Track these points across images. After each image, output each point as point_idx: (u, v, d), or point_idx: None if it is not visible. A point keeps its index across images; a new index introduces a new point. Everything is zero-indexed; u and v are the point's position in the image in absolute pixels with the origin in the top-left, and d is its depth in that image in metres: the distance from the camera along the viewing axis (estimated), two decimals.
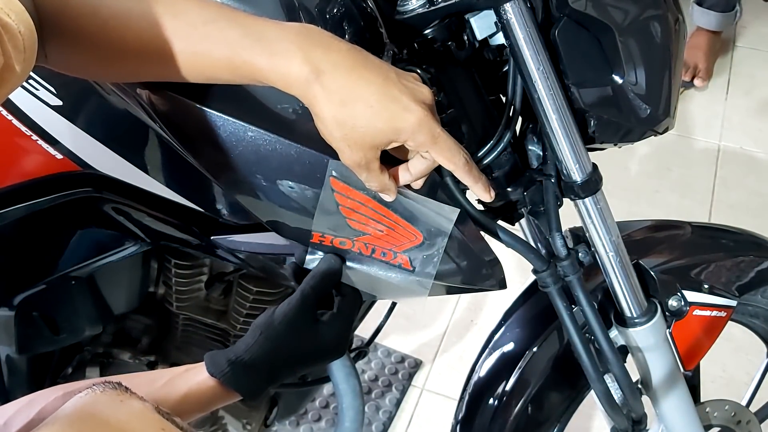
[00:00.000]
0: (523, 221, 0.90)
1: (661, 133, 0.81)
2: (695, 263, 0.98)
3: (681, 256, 0.98)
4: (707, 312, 0.96)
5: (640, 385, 0.95)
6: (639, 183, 2.27)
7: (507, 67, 0.76)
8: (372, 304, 1.03)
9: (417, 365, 1.85)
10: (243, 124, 0.69)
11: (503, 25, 0.71)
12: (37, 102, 0.76)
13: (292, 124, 0.70)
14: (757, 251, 1.05)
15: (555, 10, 0.72)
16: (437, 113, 0.64)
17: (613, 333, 0.92)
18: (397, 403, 1.78)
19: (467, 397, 1.04)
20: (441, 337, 1.91)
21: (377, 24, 0.73)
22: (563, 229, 0.83)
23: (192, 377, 0.70)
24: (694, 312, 0.94)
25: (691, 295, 0.93)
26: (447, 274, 0.78)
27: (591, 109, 0.76)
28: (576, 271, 0.82)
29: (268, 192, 0.72)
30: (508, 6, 0.69)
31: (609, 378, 0.89)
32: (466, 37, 0.74)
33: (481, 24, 0.73)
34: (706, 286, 0.95)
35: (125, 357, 1.09)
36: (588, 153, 0.78)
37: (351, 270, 0.77)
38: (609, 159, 0.91)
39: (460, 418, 1.04)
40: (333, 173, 0.69)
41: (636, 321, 0.89)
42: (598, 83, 0.76)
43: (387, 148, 0.64)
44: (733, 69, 2.65)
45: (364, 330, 1.06)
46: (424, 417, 1.77)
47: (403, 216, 0.72)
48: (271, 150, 0.70)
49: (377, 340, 1.23)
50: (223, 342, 1.11)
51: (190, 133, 0.71)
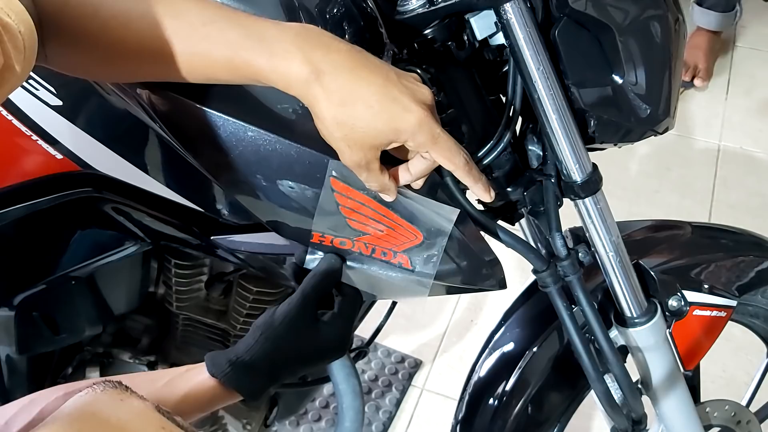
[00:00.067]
0: (523, 221, 0.90)
1: (661, 133, 0.81)
2: (695, 263, 0.98)
3: (681, 256, 0.98)
4: (707, 312, 0.96)
5: (640, 385, 0.95)
6: (639, 183, 2.27)
7: (507, 67, 0.76)
8: (372, 304, 1.03)
9: (417, 365, 1.85)
10: (243, 124, 0.69)
11: (503, 25, 0.71)
12: (37, 102, 0.76)
13: (292, 124, 0.70)
14: (757, 251, 1.05)
15: (555, 10, 0.72)
16: (437, 113, 0.64)
17: (613, 333, 0.92)
18: (397, 403, 1.78)
19: (467, 397, 1.04)
20: (441, 337, 1.91)
21: (377, 24, 0.73)
22: (563, 229, 0.83)
23: (192, 377, 0.70)
24: (694, 312, 0.94)
25: (691, 295, 0.93)
26: (447, 274, 0.78)
27: (591, 109, 0.76)
28: (576, 271, 0.82)
29: (268, 192, 0.72)
30: (508, 6, 0.69)
31: (609, 378, 0.89)
32: (466, 37, 0.74)
33: (481, 24, 0.73)
34: (706, 286, 0.95)
35: (125, 357, 1.08)
36: (588, 153, 0.78)
37: (351, 270, 0.77)
38: (609, 159, 0.91)
39: (460, 418, 1.04)
40: (333, 173, 0.69)
41: (636, 321, 0.89)
42: (598, 83, 0.76)
43: (387, 148, 0.64)
44: (733, 69, 2.65)
45: (364, 330, 1.06)
46: (424, 417, 1.77)
47: (403, 216, 0.72)
48: (271, 150, 0.70)
49: (377, 340, 1.23)
50: (223, 342, 1.11)
51: (190, 133, 0.71)
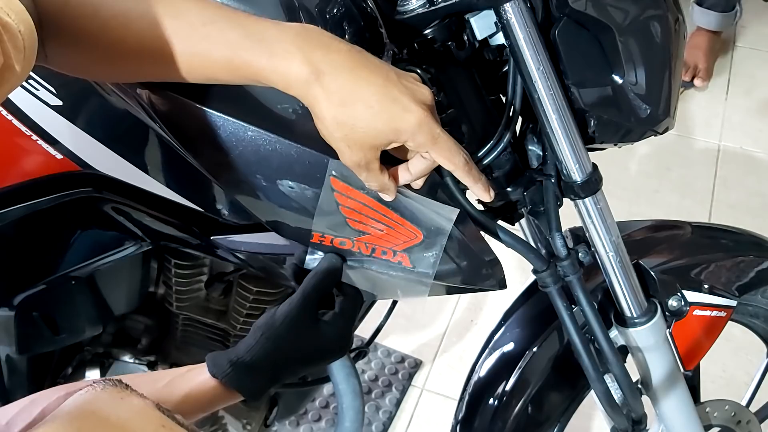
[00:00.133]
0: (523, 221, 0.90)
1: (661, 133, 0.81)
2: (695, 263, 0.98)
3: (681, 256, 0.98)
4: (707, 312, 0.95)
5: (640, 385, 0.95)
6: (639, 183, 2.27)
7: (507, 67, 0.76)
8: (372, 304, 1.03)
9: (417, 365, 1.85)
10: (243, 124, 0.69)
11: (503, 25, 0.71)
12: (37, 102, 0.76)
13: (292, 124, 0.70)
14: (757, 251, 1.05)
15: (555, 10, 0.72)
16: (437, 113, 0.64)
17: (613, 333, 0.92)
18: (397, 403, 1.78)
19: (467, 397, 1.04)
20: (441, 337, 1.91)
21: (377, 24, 0.73)
22: (563, 229, 0.83)
23: (193, 378, 0.70)
24: (694, 312, 0.94)
25: (691, 295, 0.93)
26: (447, 274, 0.77)
27: (591, 109, 0.76)
28: (576, 271, 0.82)
29: (268, 192, 0.72)
30: (508, 6, 0.69)
31: (609, 378, 0.89)
32: (466, 37, 0.74)
33: (481, 24, 0.73)
34: (706, 286, 0.95)
35: (125, 357, 1.08)
36: (588, 153, 0.78)
37: (351, 269, 0.77)
38: (609, 159, 0.91)
39: (460, 418, 1.04)
40: (333, 173, 0.69)
41: (636, 321, 0.89)
42: (598, 83, 0.76)
43: (387, 148, 0.64)
44: (733, 69, 2.65)
45: (364, 330, 1.06)
46: (424, 417, 1.77)
47: (403, 215, 0.72)
48: (271, 150, 0.70)
49: (377, 340, 1.23)
50: (223, 342, 1.11)
51: (190, 133, 0.71)
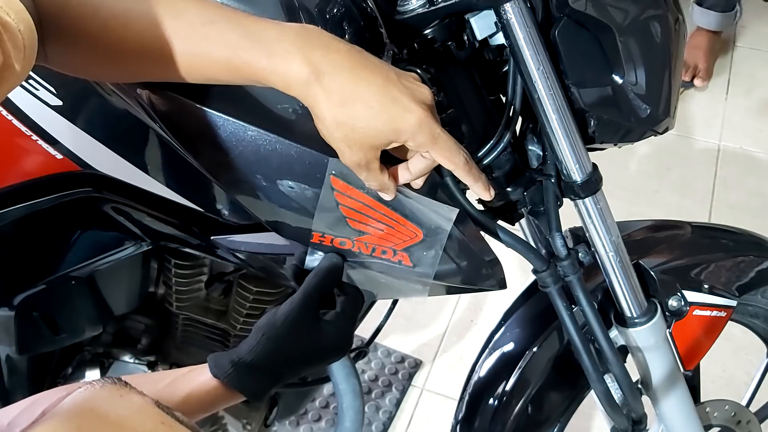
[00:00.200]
0: (523, 221, 0.90)
1: (661, 133, 0.81)
2: (695, 263, 0.98)
3: (681, 256, 0.98)
4: (707, 312, 0.95)
5: (640, 385, 0.95)
6: (639, 183, 2.27)
7: (507, 67, 0.76)
8: (372, 304, 1.03)
9: (417, 365, 1.85)
10: (243, 124, 0.69)
11: (503, 25, 0.71)
12: (37, 102, 0.76)
13: (292, 124, 0.70)
14: (757, 251, 1.05)
15: (555, 10, 0.72)
16: (437, 113, 0.64)
17: (613, 333, 0.92)
18: (397, 403, 1.78)
19: (467, 397, 1.04)
20: (441, 337, 1.91)
21: (377, 24, 0.73)
22: (563, 229, 0.83)
23: (195, 378, 0.70)
24: (694, 312, 0.94)
25: (691, 295, 0.93)
26: (447, 274, 0.77)
27: (591, 109, 0.76)
28: (576, 271, 0.82)
29: (268, 192, 0.72)
30: (508, 6, 0.69)
31: (609, 378, 0.89)
32: (466, 37, 0.74)
33: (481, 24, 0.73)
34: (706, 286, 0.95)
35: (125, 357, 1.08)
36: (588, 153, 0.78)
37: (351, 269, 0.77)
38: (609, 159, 0.91)
39: (460, 418, 1.04)
40: (333, 172, 0.69)
41: (636, 321, 0.89)
42: (598, 83, 0.76)
43: (387, 148, 0.64)
44: (733, 69, 2.65)
45: (364, 330, 1.06)
46: (424, 417, 1.77)
47: (403, 214, 0.72)
48: (271, 150, 0.70)
49: (377, 340, 1.23)
50: (223, 342, 1.11)
51: (190, 133, 0.71)
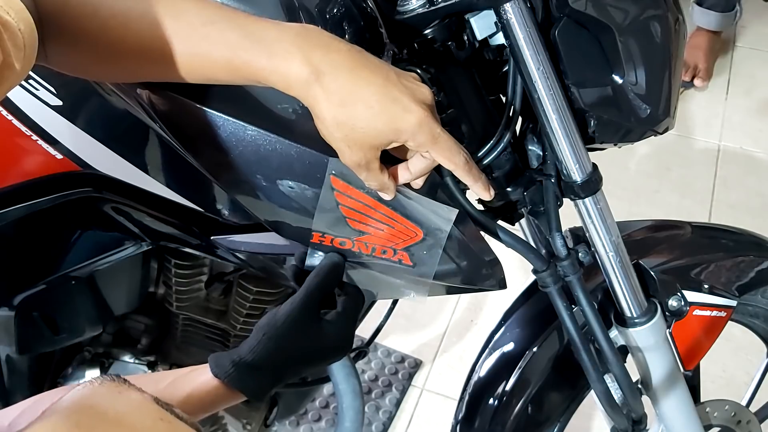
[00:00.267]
0: (523, 221, 0.90)
1: (661, 133, 0.81)
2: (695, 263, 0.98)
3: (681, 256, 0.98)
4: (707, 312, 0.95)
5: (640, 385, 0.95)
6: (639, 183, 2.27)
7: (507, 67, 0.76)
8: (372, 304, 1.03)
9: (417, 365, 1.85)
10: (243, 124, 0.69)
11: (503, 25, 0.71)
12: (37, 102, 0.76)
13: (292, 124, 0.70)
14: (757, 251, 1.05)
15: (555, 10, 0.72)
16: (437, 113, 0.64)
17: (613, 333, 0.92)
18: (397, 403, 1.78)
19: (467, 397, 1.04)
20: (441, 337, 1.91)
21: (377, 24, 0.73)
22: (563, 229, 0.83)
23: (196, 378, 0.70)
24: (694, 312, 0.94)
25: (691, 295, 0.93)
26: (447, 274, 0.77)
27: (591, 109, 0.76)
28: (576, 271, 0.82)
29: (268, 192, 0.72)
30: (508, 6, 0.69)
31: (609, 378, 0.89)
32: (466, 37, 0.74)
33: (481, 24, 0.73)
34: (706, 286, 0.95)
35: (125, 357, 1.08)
36: (588, 153, 0.78)
37: (352, 269, 0.77)
38: (609, 159, 0.91)
39: (460, 418, 1.04)
40: (333, 172, 0.69)
41: (636, 321, 0.89)
42: (598, 83, 0.76)
43: (387, 148, 0.64)
44: (733, 69, 2.65)
45: (364, 330, 1.06)
46: (424, 417, 1.77)
47: (403, 214, 0.72)
48: (271, 150, 0.70)
49: (377, 340, 1.23)
50: (223, 342, 1.11)
51: (190, 133, 0.71)
